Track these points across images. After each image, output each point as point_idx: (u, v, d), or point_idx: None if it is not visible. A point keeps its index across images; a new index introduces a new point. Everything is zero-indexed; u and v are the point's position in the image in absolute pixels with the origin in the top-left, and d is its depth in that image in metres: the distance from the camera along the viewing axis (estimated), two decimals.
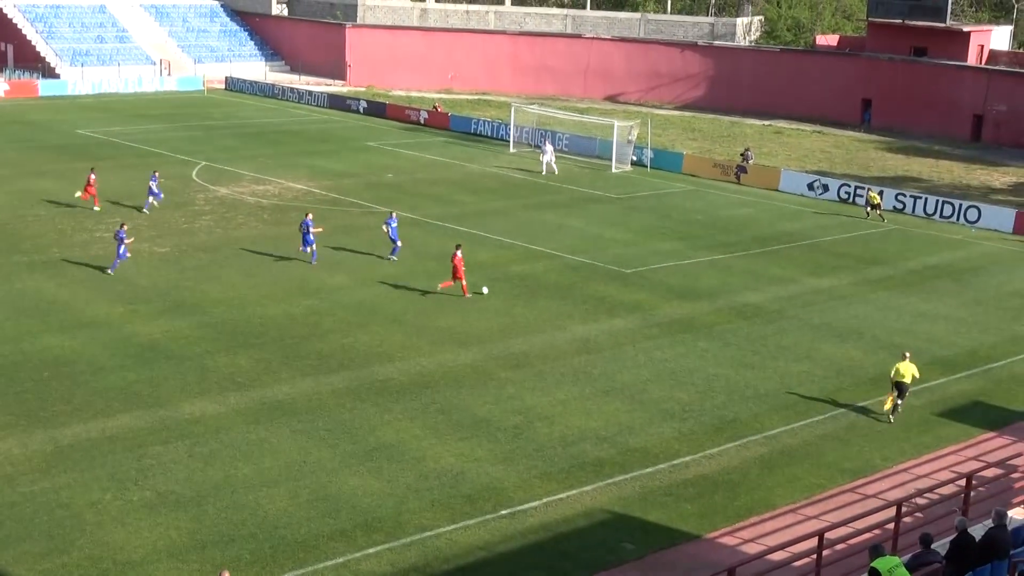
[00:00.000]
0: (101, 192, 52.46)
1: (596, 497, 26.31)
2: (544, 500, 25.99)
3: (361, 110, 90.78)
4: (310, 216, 44.96)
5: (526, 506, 25.68)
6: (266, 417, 29.83)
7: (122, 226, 42.58)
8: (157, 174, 53.12)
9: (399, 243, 45.23)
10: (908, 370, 31.35)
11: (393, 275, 43.42)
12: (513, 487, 26.53)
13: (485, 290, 41.32)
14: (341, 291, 41.16)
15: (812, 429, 30.84)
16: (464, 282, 40.73)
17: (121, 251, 41.78)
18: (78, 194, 51.67)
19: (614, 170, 68.70)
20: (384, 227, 45.71)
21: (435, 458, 27.84)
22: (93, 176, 51.71)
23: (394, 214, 46.48)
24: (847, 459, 29.00)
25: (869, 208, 58.42)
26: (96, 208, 51.34)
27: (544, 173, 66.34)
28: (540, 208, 56.64)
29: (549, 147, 68.13)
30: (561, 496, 26.21)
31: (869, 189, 60.34)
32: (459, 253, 40.55)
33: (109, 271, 41.83)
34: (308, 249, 44.33)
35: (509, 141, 75.45)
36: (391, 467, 27.23)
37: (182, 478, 26.19)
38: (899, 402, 31.51)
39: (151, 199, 52.00)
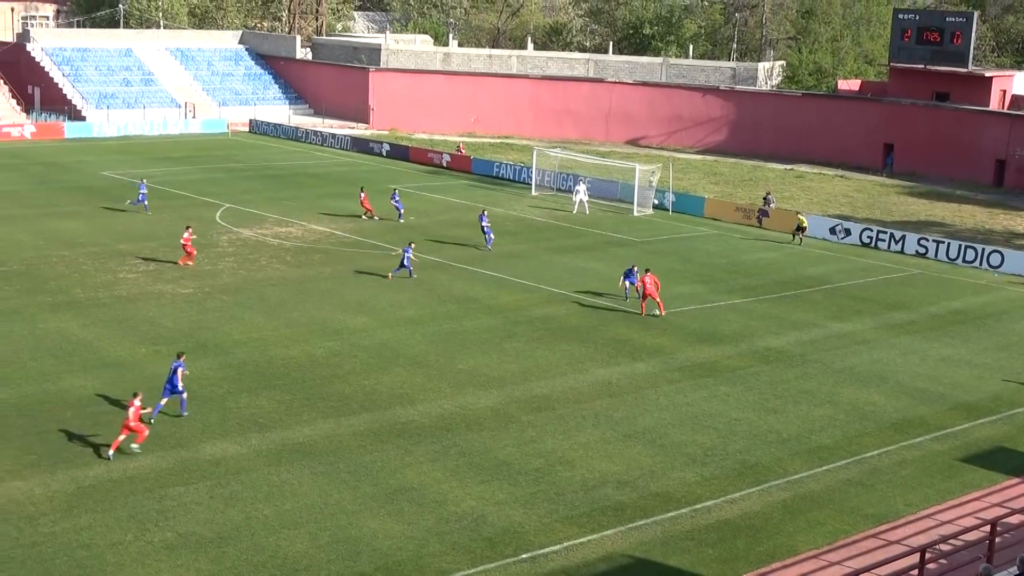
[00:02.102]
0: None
1: (617, 542, 26.18)
2: (565, 544, 25.87)
3: (384, 153, 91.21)
4: (412, 245, 49.93)
5: (546, 550, 25.56)
6: (287, 458, 29.83)
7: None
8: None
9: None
10: None
11: (415, 317, 43.49)
12: (534, 531, 26.43)
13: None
14: (363, 333, 41.23)
15: (835, 474, 30.67)
16: (658, 300, 45.00)
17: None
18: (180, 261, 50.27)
19: (636, 213, 68.79)
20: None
21: (456, 501, 27.78)
22: (188, 234, 50.48)
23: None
24: (870, 504, 28.81)
25: (795, 231, 61.65)
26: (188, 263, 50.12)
27: (575, 212, 66.78)
28: (562, 251, 56.71)
29: (583, 187, 68.57)
30: (582, 540, 26.10)
31: (798, 213, 63.29)
32: (649, 276, 44.88)
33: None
34: (400, 271, 48.86)
35: (531, 184, 75.69)
36: (412, 510, 27.18)
37: (203, 519, 26.19)
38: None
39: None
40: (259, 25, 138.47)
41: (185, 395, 32.59)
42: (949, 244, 60.00)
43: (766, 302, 48.67)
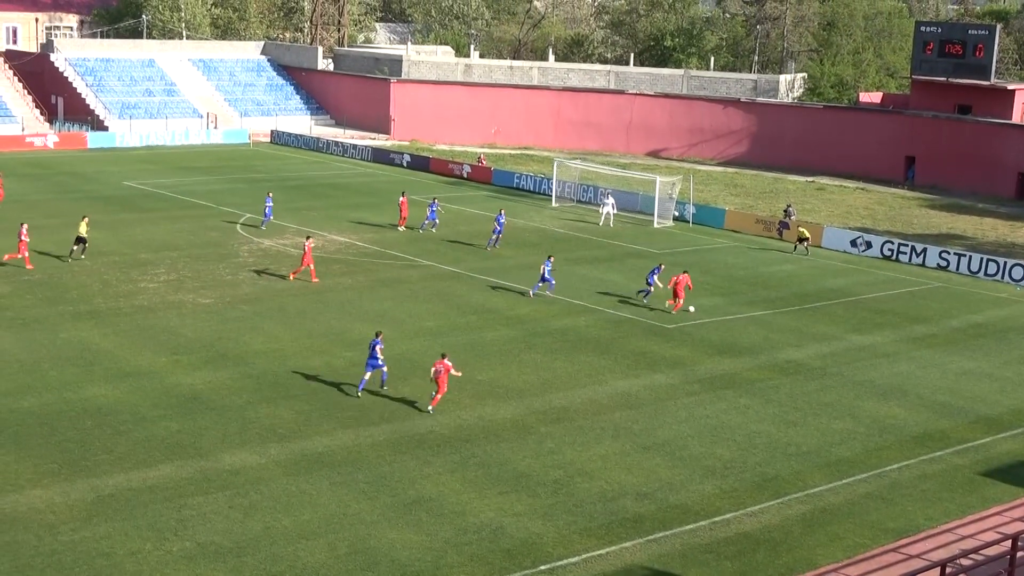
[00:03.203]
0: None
1: (636, 554, 26.13)
2: (583, 556, 25.83)
3: (405, 164, 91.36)
4: (551, 258, 49.67)
5: (565, 562, 25.52)
6: (306, 469, 29.87)
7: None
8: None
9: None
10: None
11: (434, 328, 43.52)
12: (552, 542, 26.40)
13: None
14: (383, 343, 41.18)
15: (855, 487, 30.55)
16: (680, 299, 46.44)
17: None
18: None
19: (656, 225, 68.74)
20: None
21: (474, 512, 27.76)
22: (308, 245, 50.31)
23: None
24: (890, 518, 28.69)
25: (797, 242, 62.05)
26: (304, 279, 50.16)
27: (601, 224, 66.87)
28: (582, 263, 56.69)
29: (611, 200, 68.58)
30: (600, 552, 26.05)
31: (799, 226, 63.73)
32: (684, 276, 46.49)
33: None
34: (541, 285, 48.88)
35: (552, 196, 75.71)
36: (430, 521, 27.18)
37: (222, 529, 26.23)
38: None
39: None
40: (281, 36, 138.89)
41: (385, 368, 35.70)
42: (971, 257, 59.75)
43: (786, 314, 48.55)
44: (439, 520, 27.22)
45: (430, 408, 34.39)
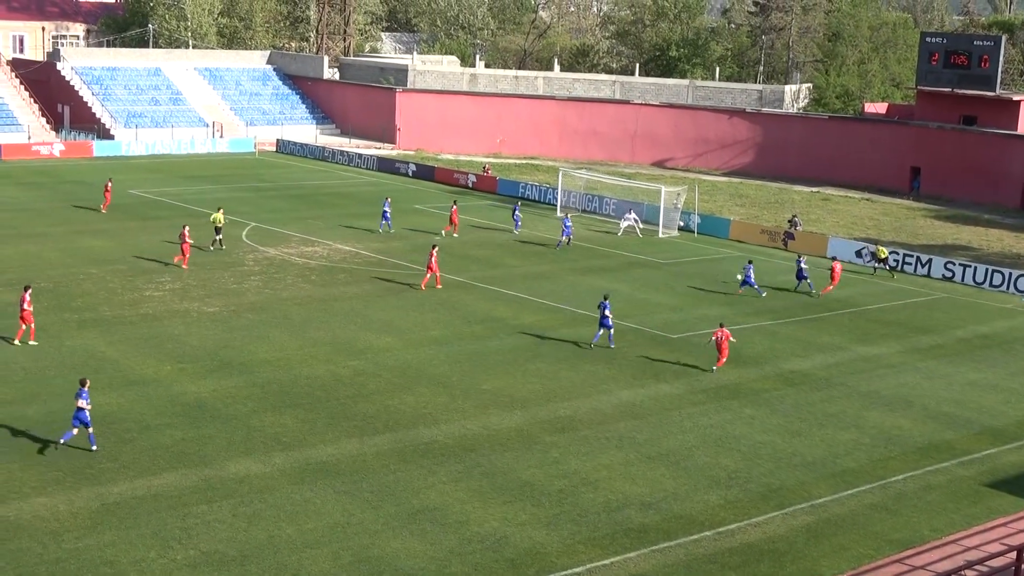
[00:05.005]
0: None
1: (640, 564, 26.10)
2: (587, 566, 25.81)
3: (410, 173, 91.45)
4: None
5: (569, 572, 25.50)
6: (310, 477, 29.88)
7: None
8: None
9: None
10: None
11: (439, 337, 43.54)
12: (556, 552, 26.38)
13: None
14: (387, 352, 41.29)
15: (860, 498, 30.51)
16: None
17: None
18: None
19: (661, 235, 68.75)
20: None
21: (478, 522, 27.75)
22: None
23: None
24: (895, 529, 28.65)
25: (876, 263, 60.22)
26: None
27: (620, 235, 66.93)
28: (587, 272, 56.69)
29: (633, 214, 68.42)
30: (604, 562, 26.03)
31: (878, 244, 62.76)
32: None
33: None
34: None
35: (557, 205, 75.75)
36: (434, 530, 27.17)
37: (226, 538, 26.24)
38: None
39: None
40: (287, 45, 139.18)
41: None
42: (976, 268, 59.69)
43: (791, 325, 48.52)
44: (443, 529, 27.21)
45: (714, 368, 40.47)
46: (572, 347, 43.18)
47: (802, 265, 54.64)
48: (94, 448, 30.87)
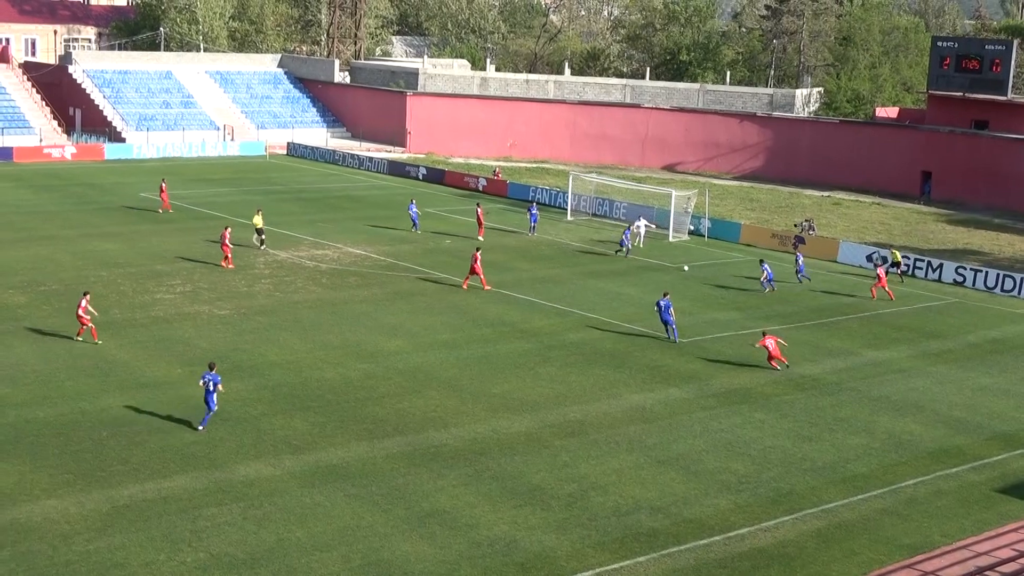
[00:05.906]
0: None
1: (649, 568, 26.08)
2: (597, 570, 25.79)
3: (421, 176, 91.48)
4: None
5: None
6: (320, 481, 29.90)
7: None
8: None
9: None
10: None
11: (449, 341, 43.56)
12: (566, 556, 26.36)
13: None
14: (397, 356, 41.32)
15: (870, 503, 30.46)
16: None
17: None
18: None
19: (671, 239, 68.68)
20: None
21: (488, 525, 27.75)
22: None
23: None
24: (906, 534, 28.59)
25: (894, 268, 60.02)
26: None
27: (641, 246, 66.68)
28: (597, 276, 56.67)
29: (643, 220, 67.96)
30: (614, 567, 26.01)
31: (892, 249, 62.92)
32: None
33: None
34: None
35: (567, 209, 75.74)
36: (444, 533, 27.17)
37: (236, 540, 26.26)
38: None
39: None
40: (298, 49, 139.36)
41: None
42: (987, 273, 59.56)
43: (802, 329, 48.45)
44: (453, 533, 27.21)
45: (785, 367, 41.65)
46: (582, 351, 43.17)
47: (800, 263, 57.11)
48: (200, 429, 32.87)
